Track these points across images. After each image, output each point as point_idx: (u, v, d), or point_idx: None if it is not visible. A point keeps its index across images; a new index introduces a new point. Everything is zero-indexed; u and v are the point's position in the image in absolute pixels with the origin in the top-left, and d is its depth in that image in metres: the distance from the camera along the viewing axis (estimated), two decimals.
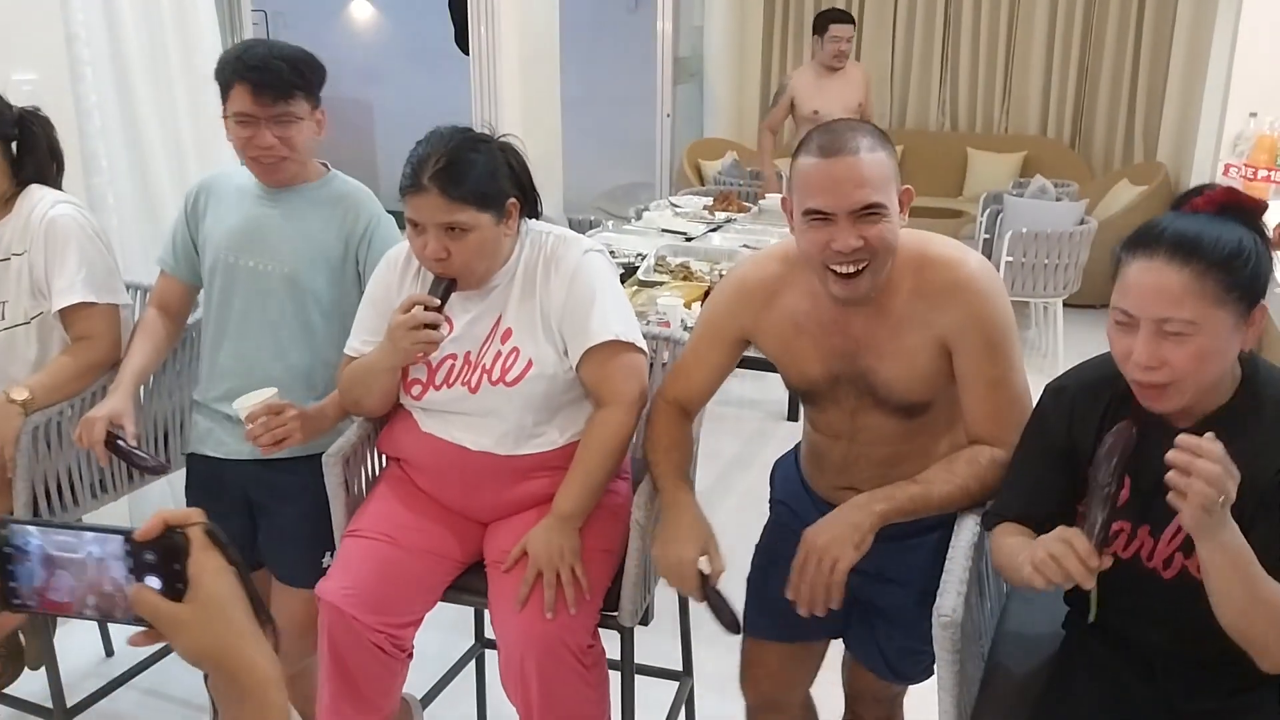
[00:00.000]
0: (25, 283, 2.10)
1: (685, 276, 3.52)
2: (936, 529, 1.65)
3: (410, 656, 1.81)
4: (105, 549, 0.83)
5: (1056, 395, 1.50)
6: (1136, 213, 5.21)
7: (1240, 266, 1.28)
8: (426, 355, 1.79)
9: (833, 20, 4.78)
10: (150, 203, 2.89)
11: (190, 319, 2.26)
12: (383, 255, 1.93)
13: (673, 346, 2.09)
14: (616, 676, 1.83)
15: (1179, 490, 1.19)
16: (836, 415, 1.72)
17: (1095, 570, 1.29)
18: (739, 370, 1.89)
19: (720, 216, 4.52)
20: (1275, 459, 1.32)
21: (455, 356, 1.81)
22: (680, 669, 2.30)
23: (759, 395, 4.54)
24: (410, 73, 7.68)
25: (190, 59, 2.94)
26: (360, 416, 1.94)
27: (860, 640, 1.85)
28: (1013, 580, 1.46)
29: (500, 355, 1.79)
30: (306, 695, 1.91)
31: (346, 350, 1.91)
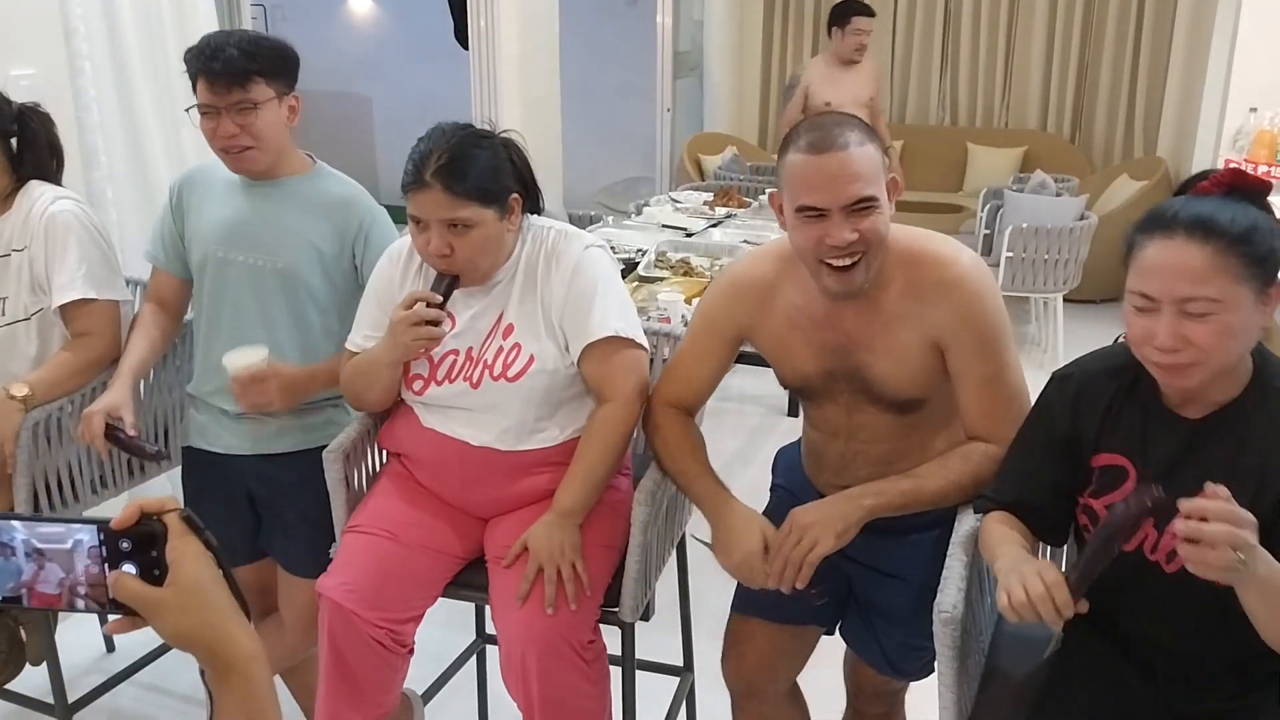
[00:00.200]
0: (25, 279, 2.10)
1: (686, 272, 3.51)
2: (937, 525, 1.65)
3: (411, 652, 1.81)
4: (83, 539, 0.85)
5: (1061, 383, 1.49)
6: (1137, 208, 5.20)
7: (1259, 242, 1.28)
8: (428, 351, 1.79)
9: (856, 13, 4.63)
10: (149, 198, 2.88)
11: (188, 314, 2.25)
12: (381, 251, 1.93)
13: (673, 342, 2.08)
14: (617, 672, 1.83)
15: (1197, 562, 1.16)
16: (833, 412, 1.72)
17: (1067, 617, 1.29)
18: (738, 366, 1.89)
19: (721, 212, 4.51)
20: None
21: (457, 352, 1.81)
22: (681, 664, 2.30)
23: (759, 391, 4.53)
24: (409, 67, 7.65)
25: None
26: (362, 411, 1.94)
27: (860, 636, 1.85)
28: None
29: (502, 351, 1.79)
30: (310, 685, 1.89)
31: (347, 345, 1.90)
